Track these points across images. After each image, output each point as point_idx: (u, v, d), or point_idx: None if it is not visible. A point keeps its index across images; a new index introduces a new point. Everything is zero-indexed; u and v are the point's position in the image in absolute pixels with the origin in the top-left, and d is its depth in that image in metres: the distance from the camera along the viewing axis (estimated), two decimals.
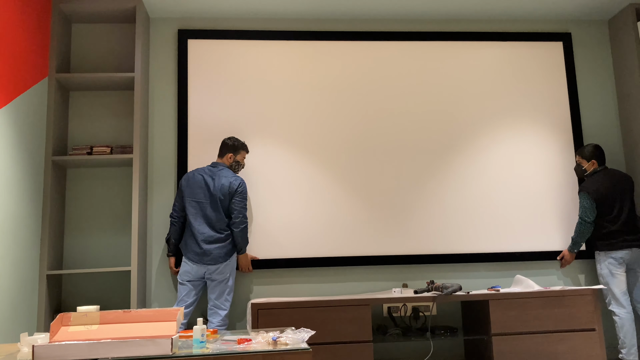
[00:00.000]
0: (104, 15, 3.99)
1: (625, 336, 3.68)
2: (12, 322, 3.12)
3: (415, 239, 4.09)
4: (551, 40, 4.45)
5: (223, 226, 3.60)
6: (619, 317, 3.72)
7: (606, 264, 3.79)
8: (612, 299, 3.77)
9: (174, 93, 4.14)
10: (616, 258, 3.76)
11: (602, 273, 3.82)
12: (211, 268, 3.55)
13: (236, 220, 3.61)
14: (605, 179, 3.88)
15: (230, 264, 3.62)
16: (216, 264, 3.55)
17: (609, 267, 3.78)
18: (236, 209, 3.61)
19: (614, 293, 3.75)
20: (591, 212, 3.83)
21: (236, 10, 4.16)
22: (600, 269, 3.84)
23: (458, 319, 4.05)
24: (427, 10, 4.28)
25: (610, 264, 3.78)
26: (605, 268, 3.80)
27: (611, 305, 3.77)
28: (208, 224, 3.59)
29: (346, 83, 4.25)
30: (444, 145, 4.24)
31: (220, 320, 3.55)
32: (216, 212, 3.59)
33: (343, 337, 3.47)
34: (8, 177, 3.10)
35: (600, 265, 3.84)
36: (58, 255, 3.75)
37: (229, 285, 3.60)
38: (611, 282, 3.76)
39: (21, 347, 1.97)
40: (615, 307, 3.75)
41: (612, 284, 3.76)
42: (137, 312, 1.99)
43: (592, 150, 3.97)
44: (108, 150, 3.78)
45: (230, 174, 3.68)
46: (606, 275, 3.79)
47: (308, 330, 2.08)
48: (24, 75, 3.33)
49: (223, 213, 3.61)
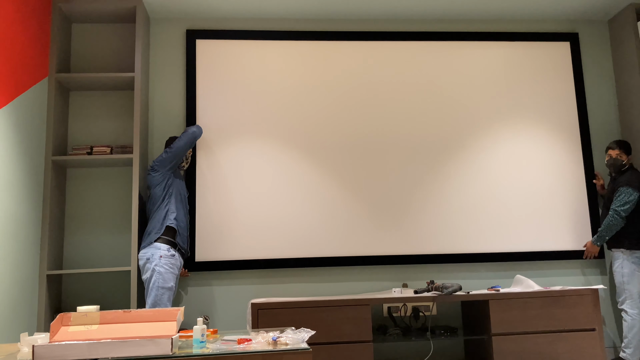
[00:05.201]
0: (104, 15, 3.99)
1: (634, 337, 3.64)
2: (12, 322, 3.12)
3: (415, 239, 4.09)
4: (558, 41, 4.45)
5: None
6: (630, 317, 3.68)
7: (629, 263, 3.72)
8: (628, 298, 3.71)
9: (180, 93, 4.14)
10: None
11: (623, 271, 3.73)
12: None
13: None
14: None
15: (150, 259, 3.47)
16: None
17: (632, 266, 3.72)
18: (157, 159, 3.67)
19: (631, 293, 3.69)
20: (630, 208, 3.74)
21: (239, 10, 4.16)
22: (622, 267, 3.75)
23: (458, 319, 4.05)
24: (433, 11, 4.28)
25: (634, 263, 3.72)
26: (628, 267, 3.72)
27: (625, 304, 3.72)
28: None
29: (352, 83, 4.25)
30: (445, 145, 4.24)
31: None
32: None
33: (343, 337, 3.47)
34: (8, 177, 3.10)
35: (622, 263, 3.75)
36: (58, 255, 3.75)
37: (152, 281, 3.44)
38: (631, 282, 3.70)
39: (21, 347, 1.97)
40: (629, 307, 3.70)
41: (631, 284, 3.70)
42: (137, 312, 1.99)
43: (629, 145, 3.93)
44: (108, 150, 3.78)
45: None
46: (627, 274, 3.71)
47: (308, 330, 2.08)
48: (24, 75, 3.32)
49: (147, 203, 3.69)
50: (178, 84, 4.16)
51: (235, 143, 4.09)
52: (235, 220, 3.99)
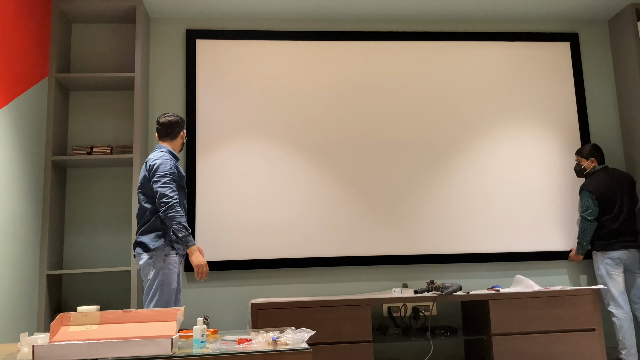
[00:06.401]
0: (104, 15, 4.00)
1: (624, 337, 3.68)
2: (12, 322, 3.12)
3: (415, 239, 4.09)
4: (558, 41, 4.45)
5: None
6: (617, 318, 3.72)
7: (603, 265, 3.79)
8: (610, 300, 3.76)
9: (180, 93, 4.14)
10: (613, 258, 3.76)
11: (600, 274, 3.82)
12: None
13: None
14: (606, 177, 3.88)
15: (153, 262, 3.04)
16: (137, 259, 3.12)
17: (606, 267, 3.78)
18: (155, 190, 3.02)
19: (612, 294, 3.74)
20: (593, 211, 3.83)
21: (239, 10, 4.16)
22: (598, 269, 3.83)
23: (458, 319, 4.05)
24: (433, 11, 4.28)
25: (608, 265, 3.77)
26: (602, 269, 3.79)
27: (610, 306, 3.77)
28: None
29: (352, 83, 4.25)
30: (445, 145, 4.24)
31: None
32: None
33: (343, 337, 3.47)
34: (8, 177, 3.10)
35: (598, 266, 3.83)
36: (58, 255, 3.75)
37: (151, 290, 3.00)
38: (609, 283, 3.76)
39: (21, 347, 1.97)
40: (614, 308, 3.74)
41: (610, 285, 3.75)
42: (137, 312, 1.99)
43: (591, 149, 3.98)
44: (108, 150, 3.78)
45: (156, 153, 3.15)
46: (604, 275, 3.78)
47: (308, 330, 2.08)
48: (24, 75, 3.33)
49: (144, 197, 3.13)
50: (178, 84, 4.16)
51: (235, 143, 4.09)
52: (235, 220, 3.99)
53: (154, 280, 3.00)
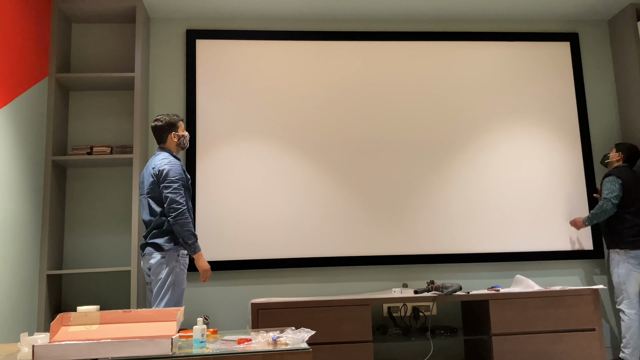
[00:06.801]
0: (104, 15, 3.99)
1: (631, 337, 3.65)
2: (12, 322, 3.12)
3: (415, 239, 4.09)
4: (558, 41, 4.45)
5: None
6: (628, 317, 3.68)
7: (625, 263, 3.74)
8: (626, 298, 3.72)
9: (180, 93, 4.14)
10: (636, 257, 3.74)
11: (620, 272, 3.76)
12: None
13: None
14: (630, 173, 3.88)
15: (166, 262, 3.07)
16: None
17: (627, 266, 3.74)
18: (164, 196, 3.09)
19: (628, 293, 3.71)
20: (618, 195, 3.79)
21: (239, 10, 4.16)
22: (618, 267, 3.77)
23: (458, 319, 4.04)
24: (433, 11, 4.28)
25: (630, 263, 3.74)
26: (623, 267, 3.74)
27: (622, 304, 3.73)
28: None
29: (352, 83, 4.25)
30: (446, 145, 4.24)
31: None
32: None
33: (343, 337, 3.47)
34: (8, 177, 3.10)
35: (618, 264, 3.78)
36: (58, 255, 3.75)
37: (164, 289, 3.04)
38: (627, 282, 3.72)
39: (21, 347, 1.97)
40: (627, 307, 3.71)
41: (627, 284, 3.71)
42: (137, 312, 1.99)
43: (625, 145, 3.98)
44: (108, 150, 3.78)
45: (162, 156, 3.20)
46: (624, 274, 3.73)
47: (308, 330, 2.08)
48: (24, 75, 3.32)
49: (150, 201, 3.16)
50: (178, 84, 4.16)
51: (235, 143, 4.09)
52: (235, 220, 3.99)
53: (166, 279, 3.04)
